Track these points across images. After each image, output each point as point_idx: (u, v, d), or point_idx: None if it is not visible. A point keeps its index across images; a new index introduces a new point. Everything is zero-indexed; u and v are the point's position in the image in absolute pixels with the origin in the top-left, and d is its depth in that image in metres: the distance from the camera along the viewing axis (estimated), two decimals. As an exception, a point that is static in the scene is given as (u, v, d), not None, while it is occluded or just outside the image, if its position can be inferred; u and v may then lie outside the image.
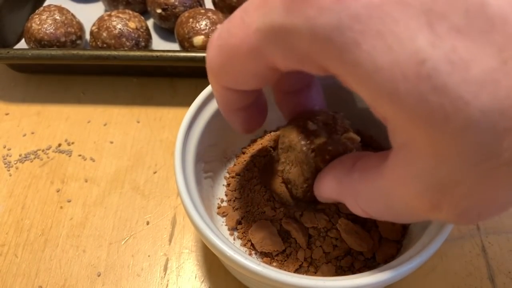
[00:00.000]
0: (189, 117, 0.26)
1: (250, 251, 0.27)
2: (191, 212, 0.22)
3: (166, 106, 0.40)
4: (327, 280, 0.20)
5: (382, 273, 0.20)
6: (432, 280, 0.29)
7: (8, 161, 0.36)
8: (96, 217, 0.32)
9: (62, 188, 0.34)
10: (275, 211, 0.27)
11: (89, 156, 0.36)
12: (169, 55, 0.36)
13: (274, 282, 0.20)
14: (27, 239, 0.31)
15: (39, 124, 0.39)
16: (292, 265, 0.25)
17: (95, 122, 0.39)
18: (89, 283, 0.29)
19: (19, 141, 0.37)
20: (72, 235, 0.32)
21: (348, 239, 0.25)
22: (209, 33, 0.38)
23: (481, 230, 0.31)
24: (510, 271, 0.29)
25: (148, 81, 0.42)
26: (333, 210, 0.26)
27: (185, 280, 0.29)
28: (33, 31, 0.39)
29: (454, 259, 0.30)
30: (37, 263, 0.30)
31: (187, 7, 0.42)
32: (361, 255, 0.25)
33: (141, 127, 0.38)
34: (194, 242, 0.31)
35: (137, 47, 0.39)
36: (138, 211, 0.33)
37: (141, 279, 0.29)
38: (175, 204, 0.33)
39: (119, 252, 0.31)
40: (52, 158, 0.36)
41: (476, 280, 0.29)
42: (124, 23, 0.39)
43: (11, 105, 0.40)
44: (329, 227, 0.26)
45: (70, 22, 0.40)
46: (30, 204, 0.33)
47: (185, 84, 0.41)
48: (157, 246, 0.31)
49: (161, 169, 0.35)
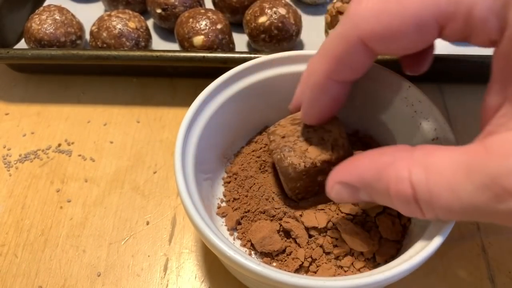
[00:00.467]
0: (189, 117, 0.26)
1: (250, 251, 0.27)
2: (191, 212, 0.22)
3: (166, 106, 0.40)
4: (327, 280, 0.20)
5: (382, 273, 0.20)
6: (432, 280, 0.29)
7: (8, 161, 0.36)
8: (96, 217, 0.32)
9: (62, 188, 0.34)
10: (275, 210, 0.27)
11: (89, 156, 0.36)
12: (169, 55, 0.36)
13: (274, 282, 0.20)
14: (27, 239, 0.31)
15: (39, 124, 0.39)
16: (292, 265, 0.25)
17: (95, 122, 0.39)
18: (89, 283, 0.29)
19: (19, 141, 0.37)
20: (72, 235, 0.32)
21: (348, 239, 0.25)
22: (209, 33, 0.38)
23: (481, 230, 0.31)
24: (510, 271, 0.29)
25: (148, 81, 0.42)
26: (333, 210, 0.26)
27: (185, 280, 0.29)
28: (33, 31, 0.39)
29: (454, 259, 0.30)
30: (37, 263, 0.30)
31: (187, 7, 0.42)
32: (361, 255, 0.25)
33: (141, 127, 0.38)
34: (194, 242, 0.31)
35: (137, 47, 0.39)
36: (138, 211, 0.33)
37: (141, 279, 0.29)
38: (175, 204, 0.33)
39: (119, 252, 0.31)
40: (52, 158, 0.36)
41: (476, 280, 0.29)
42: (124, 23, 0.39)
43: (11, 105, 0.40)
44: (330, 227, 0.26)
45: (70, 22, 0.40)
46: (30, 204, 0.33)
47: (185, 84, 0.41)
48: (157, 246, 0.31)
49: (161, 169, 0.35)
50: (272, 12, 0.38)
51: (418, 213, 0.19)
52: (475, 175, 0.16)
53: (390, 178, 0.19)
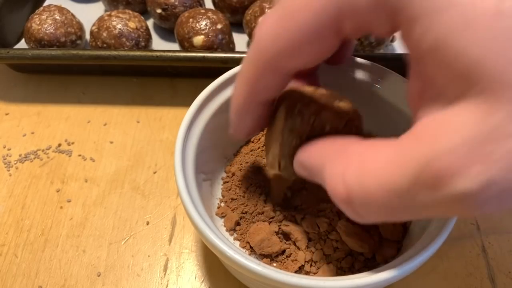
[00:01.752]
0: (189, 117, 0.26)
1: (250, 253, 0.27)
2: (191, 212, 0.22)
3: (166, 106, 0.40)
4: (327, 280, 0.20)
5: (382, 273, 0.20)
6: (432, 280, 0.29)
7: (8, 161, 0.36)
8: (96, 217, 0.32)
9: (62, 188, 0.34)
10: (274, 212, 0.27)
11: (89, 156, 0.36)
12: (169, 55, 0.36)
13: (274, 282, 0.20)
14: (27, 239, 0.31)
15: (39, 124, 0.39)
16: (292, 267, 0.25)
17: (95, 122, 0.39)
18: (89, 283, 0.29)
19: (19, 141, 0.37)
20: (72, 235, 0.32)
21: (349, 241, 0.25)
22: (209, 33, 0.38)
23: (481, 230, 0.31)
24: (510, 271, 0.29)
25: (148, 81, 0.42)
26: (333, 212, 0.26)
27: (185, 280, 0.29)
28: (33, 31, 0.39)
29: (454, 259, 0.30)
30: (37, 263, 0.30)
31: (187, 7, 0.42)
32: (361, 255, 0.25)
33: (141, 127, 0.38)
34: (194, 242, 0.31)
35: (137, 47, 0.39)
36: (138, 211, 0.33)
37: (141, 279, 0.29)
38: (175, 204, 0.33)
39: (119, 252, 0.31)
40: (52, 158, 0.36)
41: (476, 280, 0.29)
42: (124, 23, 0.39)
43: (11, 105, 0.40)
44: (330, 230, 0.26)
45: (70, 22, 0.40)
46: (30, 204, 0.33)
47: (185, 84, 0.41)
48: (157, 246, 0.31)
49: (161, 169, 0.35)
50: (272, 12, 0.38)
51: (355, 215, 0.18)
52: (407, 167, 0.15)
53: (326, 175, 0.18)
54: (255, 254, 0.26)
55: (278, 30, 0.19)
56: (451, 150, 0.14)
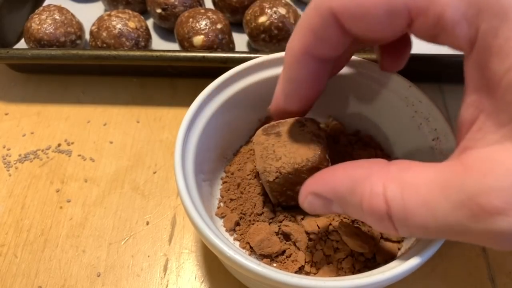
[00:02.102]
0: (189, 117, 0.26)
1: (250, 253, 0.27)
2: (191, 212, 0.22)
3: (166, 106, 0.40)
4: (328, 281, 0.20)
5: (382, 273, 0.20)
6: (432, 280, 0.29)
7: (7, 161, 0.36)
8: (96, 217, 0.32)
9: (61, 188, 0.34)
10: (274, 213, 0.27)
11: (89, 156, 0.36)
12: (169, 55, 0.36)
13: (274, 282, 0.20)
14: (26, 239, 0.31)
15: (38, 124, 0.39)
16: (292, 267, 0.25)
17: (95, 122, 0.39)
18: (89, 283, 0.29)
19: (18, 141, 0.37)
20: (71, 235, 0.32)
21: (349, 242, 0.25)
22: (209, 33, 0.38)
23: (481, 230, 0.31)
24: (510, 271, 0.29)
25: (148, 81, 0.42)
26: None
27: (185, 280, 0.29)
28: (32, 31, 0.39)
29: (454, 259, 0.30)
30: (37, 263, 0.30)
31: (187, 6, 0.42)
32: (361, 256, 0.25)
33: (141, 127, 0.38)
34: (194, 242, 0.31)
35: (137, 47, 0.39)
36: (138, 211, 0.33)
37: (141, 279, 0.29)
38: (175, 204, 0.33)
39: (119, 252, 0.31)
40: (51, 158, 0.36)
41: (476, 280, 0.29)
42: (124, 23, 0.39)
43: (11, 105, 0.40)
44: (330, 230, 0.26)
45: (70, 22, 0.40)
46: (29, 204, 0.33)
47: (185, 84, 0.41)
48: (157, 246, 0.31)
49: (161, 169, 0.35)
50: (272, 12, 0.38)
51: (391, 230, 0.18)
52: (451, 193, 0.16)
53: (364, 192, 0.18)
54: (255, 254, 0.26)
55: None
56: (501, 189, 0.15)
